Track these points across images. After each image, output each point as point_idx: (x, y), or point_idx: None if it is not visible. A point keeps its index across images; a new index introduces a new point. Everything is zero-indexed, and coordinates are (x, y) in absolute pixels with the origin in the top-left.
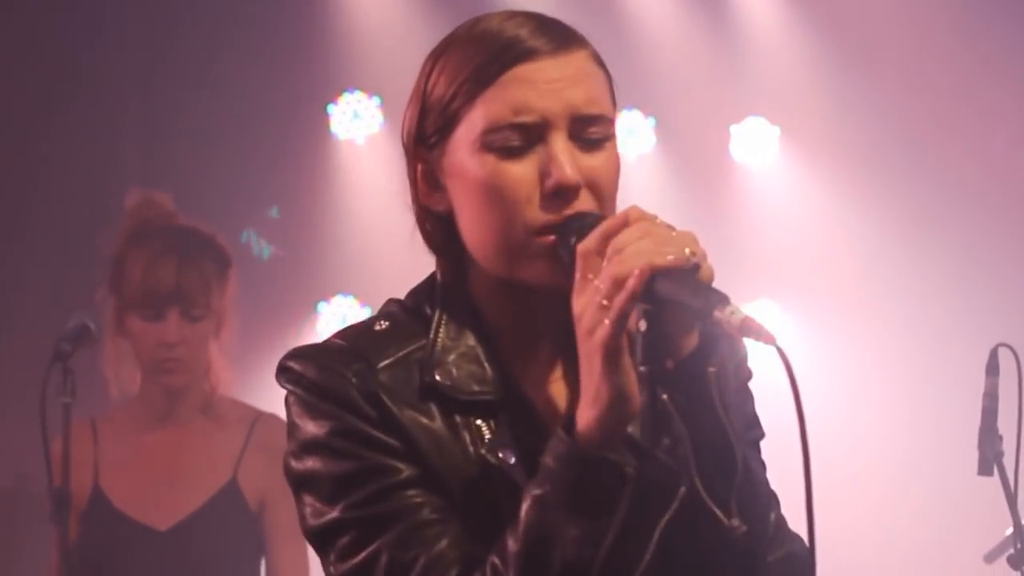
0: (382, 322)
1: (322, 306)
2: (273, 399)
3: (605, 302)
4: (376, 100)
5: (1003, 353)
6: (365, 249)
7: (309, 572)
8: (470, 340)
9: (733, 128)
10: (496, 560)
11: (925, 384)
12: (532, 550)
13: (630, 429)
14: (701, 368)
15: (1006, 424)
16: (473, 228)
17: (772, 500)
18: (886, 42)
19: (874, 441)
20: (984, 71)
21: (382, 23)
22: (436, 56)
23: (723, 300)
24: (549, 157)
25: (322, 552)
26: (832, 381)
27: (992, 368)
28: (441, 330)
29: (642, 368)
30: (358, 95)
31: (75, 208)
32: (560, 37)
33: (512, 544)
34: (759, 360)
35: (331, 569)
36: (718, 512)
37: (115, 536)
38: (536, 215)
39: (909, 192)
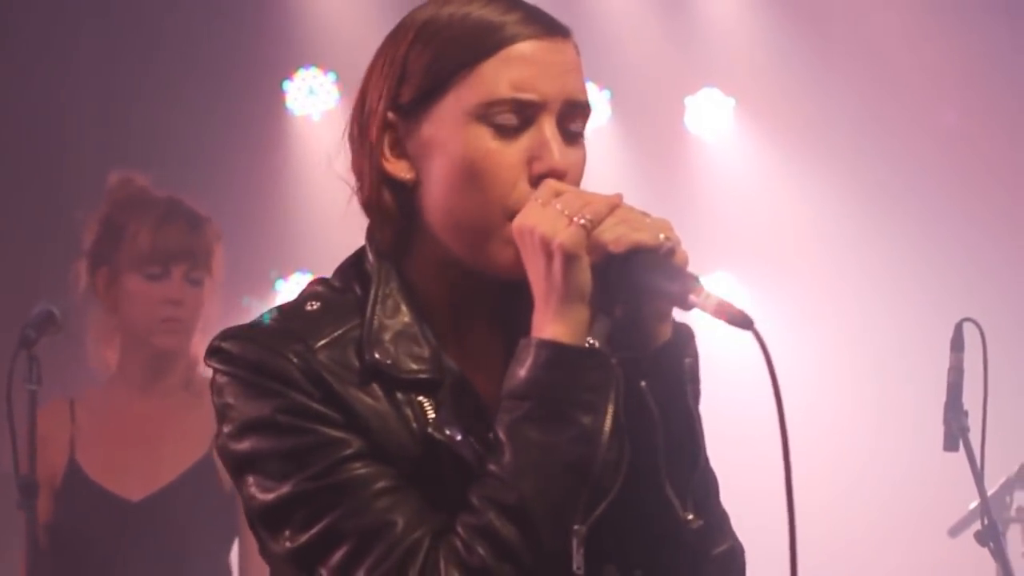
0: (313, 303)
1: (280, 283)
2: None
3: (568, 212)
4: (332, 76)
5: (968, 328)
6: (323, 226)
7: None
8: (406, 318)
9: (687, 100)
10: (484, 493)
11: (888, 359)
12: (530, 464)
13: None
14: (676, 358)
15: (971, 399)
16: (444, 201)
17: (719, 496)
18: (839, 14)
19: (837, 416)
20: (937, 44)
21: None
22: (418, 27)
23: (698, 284)
24: (541, 141)
25: (273, 529)
26: (791, 355)
27: (957, 343)
28: (377, 308)
29: (618, 355)
30: (314, 71)
31: (34, 195)
32: (553, 25)
33: (501, 469)
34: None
35: (286, 544)
36: (677, 504)
37: (88, 506)
38: (522, 199)
39: (864, 163)
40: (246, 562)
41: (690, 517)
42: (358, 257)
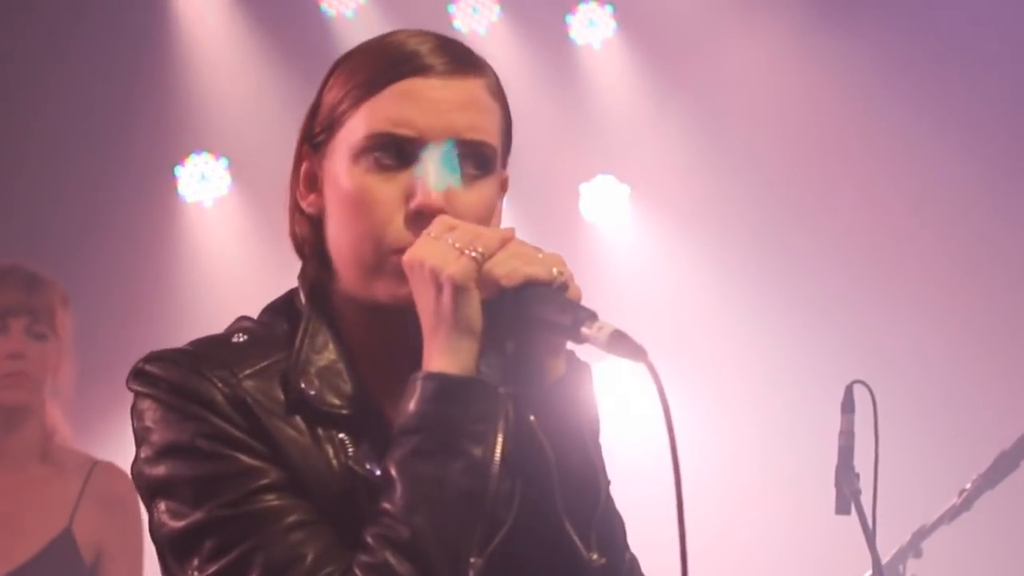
0: (240, 335)
1: None
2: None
3: (459, 245)
4: (224, 162)
5: (858, 391)
6: (213, 312)
7: None
8: (332, 354)
9: (583, 187)
10: (378, 531)
11: (782, 425)
12: (421, 498)
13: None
14: (570, 395)
15: (862, 462)
16: (335, 235)
17: (627, 539)
18: (733, 101)
19: (729, 481)
20: (830, 129)
21: (230, 85)
22: (336, 63)
23: (591, 316)
24: (417, 177)
25: (181, 558)
26: (688, 428)
27: (848, 406)
28: (306, 341)
29: (509, 389)
30: (205, 157)
31: None
32: (459, 61)
33: (393, 506)
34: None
35: (193, 574)
36: (578, 542)
37: None
38: (397, 235)
39: (760, 245)
40: None
41: (594, 556)
42: (289, 296)
